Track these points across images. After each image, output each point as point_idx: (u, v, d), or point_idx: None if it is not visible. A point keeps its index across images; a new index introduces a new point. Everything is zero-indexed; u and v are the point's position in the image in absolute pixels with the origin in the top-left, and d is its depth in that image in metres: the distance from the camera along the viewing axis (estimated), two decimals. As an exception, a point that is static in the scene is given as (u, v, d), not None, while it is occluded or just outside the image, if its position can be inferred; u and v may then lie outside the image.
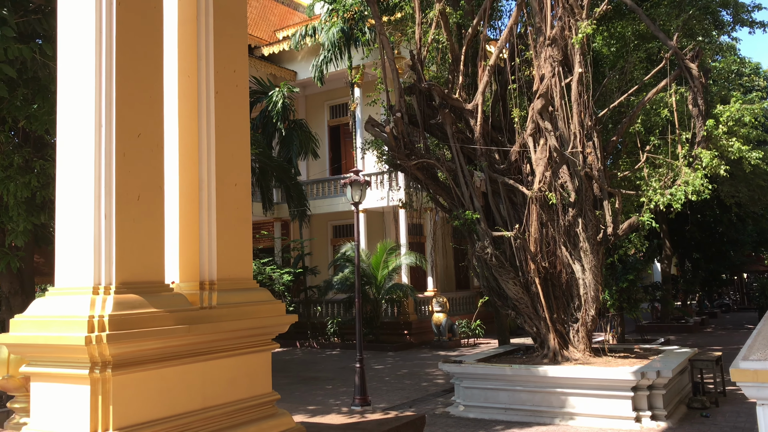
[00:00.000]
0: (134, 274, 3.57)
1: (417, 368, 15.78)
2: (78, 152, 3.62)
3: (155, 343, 3.52)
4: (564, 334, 10.64)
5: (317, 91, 26.06)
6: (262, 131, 21.12)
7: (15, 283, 11.52)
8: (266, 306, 4.34)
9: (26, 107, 9.05)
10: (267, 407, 4.25)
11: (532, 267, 10.40)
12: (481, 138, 11.01)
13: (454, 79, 11.90)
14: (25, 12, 8.33)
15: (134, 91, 3.67)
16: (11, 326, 3.62)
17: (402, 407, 10.99)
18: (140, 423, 3.42)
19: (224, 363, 4.00)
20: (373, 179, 22.18)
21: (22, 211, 9.67)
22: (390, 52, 11.33)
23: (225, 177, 4.24)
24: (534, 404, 9.75)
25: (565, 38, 10.54)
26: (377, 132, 11.51)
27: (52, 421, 3.45)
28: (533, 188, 10.43)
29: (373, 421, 5.23)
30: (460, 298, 24.32)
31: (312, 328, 21.85)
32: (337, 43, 21.13)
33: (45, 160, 9.87)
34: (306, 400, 11.94)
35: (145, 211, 3.66)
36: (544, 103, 10.47)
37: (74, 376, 3.35)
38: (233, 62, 4.40)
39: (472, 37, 11.64)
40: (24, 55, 7.74)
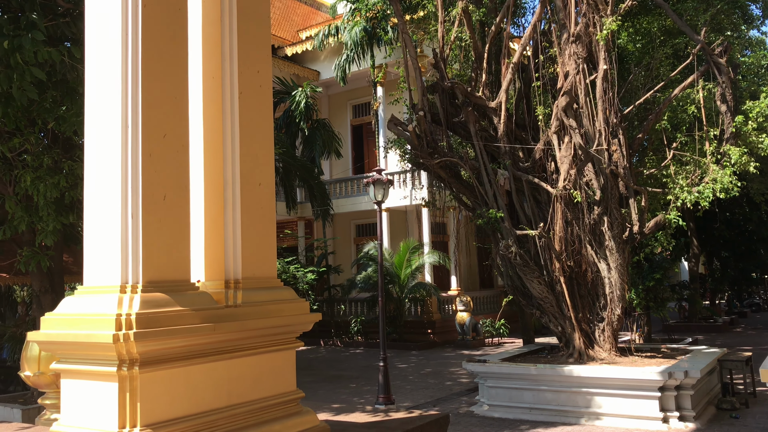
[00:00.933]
0: (160, 272, 3.62)
1: (441, 367, 15.75)
2: (105, 153, 3.68)
3: (181, 341, 3.56)
4: (589, 333, 10.54)
5: (340, 91, 26.12)
6: (285, 131, 21.24)
7: (45, 282, 11.73)
8: (290, 304, 4.37)
9: (55, 109, 9.21)
10: (292, 405, 4.28)
11: (557, 266, 10.32)
12: (505, 136, 10.95)
13: (477, 77, 11.84)
14: (54, 16, 8.47)
15: (160, 93, 3.71)
16: (42, 324, 3.69)
17: (426, 406, 10.98)
18: (167, 420, 3.46)
19: (249, 361, 4.03)
20: (395, 178, 22.17)
21: (51, 211, 9.84)
22: (413, 50, 11.32)
23: (249, 177, 4.27)
24: (559, 404, 9.67)
25: (590, 35, 10.43)
26: (400, 131, 11.50)
27: (81, 417, 3.51)
28: (558, 186, 10.35)
29: (397, 419, 5.23)
30: (484, 297, 24.21)
31: (336, 327, 21.92)
32: (359, 42, 21.16)
33: (73, 161, 10.03)
34: (330, 398, 11.98)
35: (171, 210, 3.70)
36: (568, 100, 10.38)
37: (102, 373, 3.40)
38: (257, 63, 4.43)
39: (495, 35, 11.58)
40: (53, 58, 7.87)
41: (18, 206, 10.06)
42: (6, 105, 7.99)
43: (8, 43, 7.35)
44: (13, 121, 8.91)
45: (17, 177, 9.88)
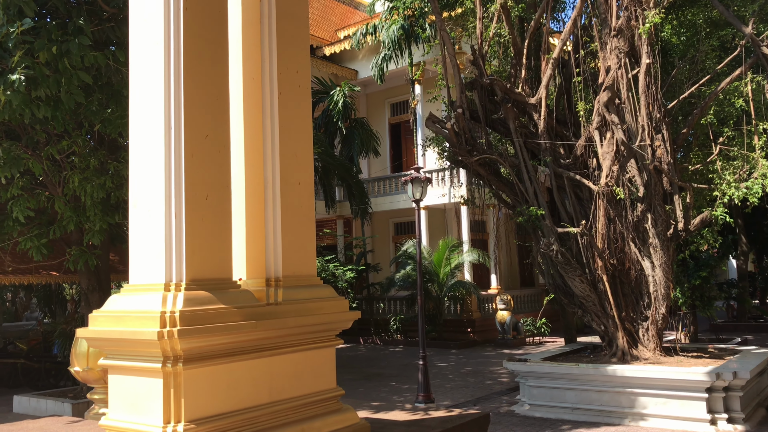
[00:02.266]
0: (203, 271, 3.68)
1: (481, 366, 15.66)
2: (149, 154, 3.75)
3: (223, 339, 3.61)
4: (633, 332, 10.34)
5: (378, 89, 26.17)
6: (324, 130, 21.38)
7: (92, 280, 12.06)
8: (330, 302, 4.39)
9: (101, 112, 9.45)
10: (332, 402, 4.31)
11: (600, 264, 10.15)
12: (545, 132, 10.81)
13: (517, 73, 11.72)
14: (100, 20, 8.69)
15: (201, 94, 3.77)
16: (89, 321, 3.79)
17: (466, 405, 10.93)
18: (210, 416, 3.52)
19: (290, 358, 4.07)
20: (434, 176, 22.11)
21: (98, 211, 10.10)
22: (451, 47, 11.26)
23: (289, 176, 4.31)
24: (602, 404, 9.52)
25: (632, 28, 10.22)
26: (438, 128, 11.46)
27: (128, 412, 3.59)
28: (600, 183, 10.17)
29: (437, 418, 5.22)
30: (525, 295, 23.97)
31: (375, 325, 21.97)
32: (397, 40, 21.16)
33: (119, 162, 10.28)
34: (370, 396, 12.02)
35: (213, 210, 3.76)
36: (610, 95, 10.19)
37: (148, 370, 3.48)
38: (296, 63, 4.47)
39: (534, 30, 11.44)
40: (99, 62, 8.08)
41: (67, 206, 10.36)
42: (55, 108, 8.23)
43: (56, 48, 7.57)
44: (62, 123, 9.17)
45: (66, 178, 10.18)
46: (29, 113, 7.97)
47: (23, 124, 9.64)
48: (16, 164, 9.49)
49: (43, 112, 8.03)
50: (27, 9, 7.31)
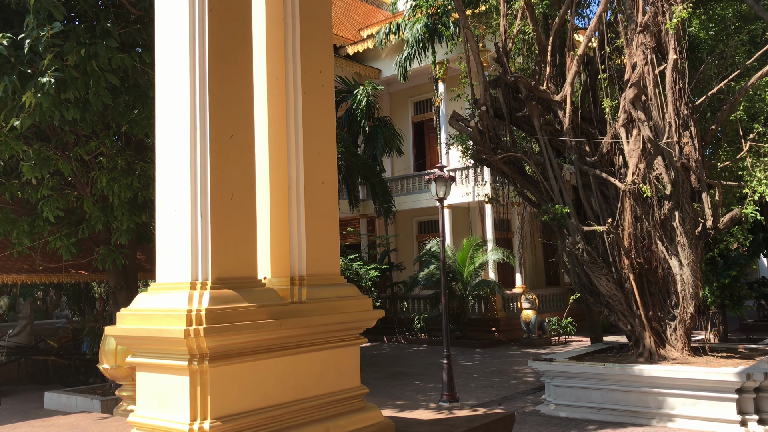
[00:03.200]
0: (229, 269, 3.71)
1: (506, 365, 15.58)
2: (175, 154, 3.80)
3: (249, 337, 3.64)
4: (661, 332, 10.21)
5: (401, 88, 26.16)
6: (347, 129, 21.44)
7: (120, 279, 12.24)
8: (354, 301, 4.40)
9: (128, 113, 9.59)
10: (356, 401, 4.32)
11: (626, 262, 10.03)
12: (571, 130, 10.71)
13: (541, 70, 11.63)
14: (126, 23, 8.81)
15: (226, 95, 3.80)
16: (117, 319, 3.85)
17: (491, 404, 10.88)
18: (236, 413, 3.55)
19: (314, 356, 4.09)
20: (457, 174, 22.03)
21: (125, 211, 10.26)
22: (474, 45, 11.21)
23: (312, 175, 4.33)
24: (629, 404, 9.42)
25: (659, 24, 10.08)
26: (462, 126, 11.42)
27: (155, 409, 3.64)
28: (626, 181, 10.05)
29: (461, 417, 5.21)
30: (550, 294, 23.78)
31: (399, 324, 21.98)
32: (420, 38, 21.12)
33: (145, 162, 10.42)
34: (394, 394, 12.03)
35: (238, 209, 3.79)
36: (636, 92, 10.07)
37: (174, 367, 3.52)
38: (319, 63, 4.49)
39: (559, 27, 11.34)
40: (126, 63, 8.20)
41: (95, 206, 10.54)
42: (83, 110, 8.37)
43: (85, 51, 7.70)
44: (90, 125, 9.32)
45: (94, 178, 10.34)
46: (59, 115, 8.11)
47: (53, 125, 9.82)
48: (46, 165, 9.67)
49: (72, 114, 8.17)
50: (56, 13, 7.44)
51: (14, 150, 9.25)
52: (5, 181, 11.15)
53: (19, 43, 7.70)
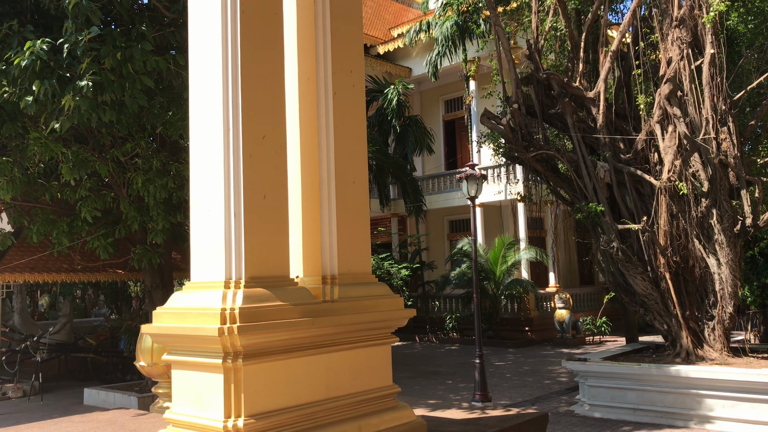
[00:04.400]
0: (262, 269, 3.74)
1: (539, 365, 15.44)
2: (208, 155, 3.85)
3: (282, 335, 3.67)
4: (698, 332, 10.00)
5: (432, 86, 26.09)
6: (378, 129, 21.45)
7: (156, 278, 12.46)
8: (385, 300, 4.41)
9: (162, 115, 9.74)
10: (388, 400, 4.32)
11: (662, 261, 9.86)
12: (604, 127, 10.56)
13: (574, 67, 11.49)
14: (161, 26, 8.96)
15: (258, 96, 3.84)
16: (153, 318, 3.92)
17: (524, 404, 10.80)
18: (269, 411, 3.58)
19: (346, 355, 4.10)
20: (489, 173, 21.89)
21: (160, 211, 10.43)
22: (506, 42, 11.13)
23: (344, 175, 4.35)
24: (666, 405, 9.25)
25: (695, 18, 9.87)
26: (493, 124, 11.34)
27: (190, 406, 3.70)
28: (662, 178, 9.88)
29: (494, 417, 5.17)
30: (584, 294, 23.48)
31: (430, 323, 21.94)
32: (451, 36, 21.04)
33: (180, 163, 10.58)
34: (426, 394, 12.01)
35: (270, 209, 3.83)
36: (672, 87, 9.88)
37: (209, 365, 3.56)
38: (350, 63, 4.50)
39: (592, 23, 11.19)
40: (160, 66, 8.33)
41: (131, 207, 10.73)
42: (119, 112, 8.53)
43: (121, 54, 7.85)
44: (126, 127, 9.49)
45: (130, 179, 10.54)
46: (96, 117, 8.28)
47: (90, 128, 10.03)
48: (84, 166, 9.88)
49: (109, 116, 8.33)
50: (94, 18, 7.60)
51: (54, 152, 9.48)
52: (45, 183, 11.43)
53: (58, 48, 7.88)
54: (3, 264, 12.57)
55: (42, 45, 7.56)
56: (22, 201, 11.87)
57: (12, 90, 8.17)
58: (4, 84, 8.14)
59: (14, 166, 10.58)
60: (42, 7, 8.88)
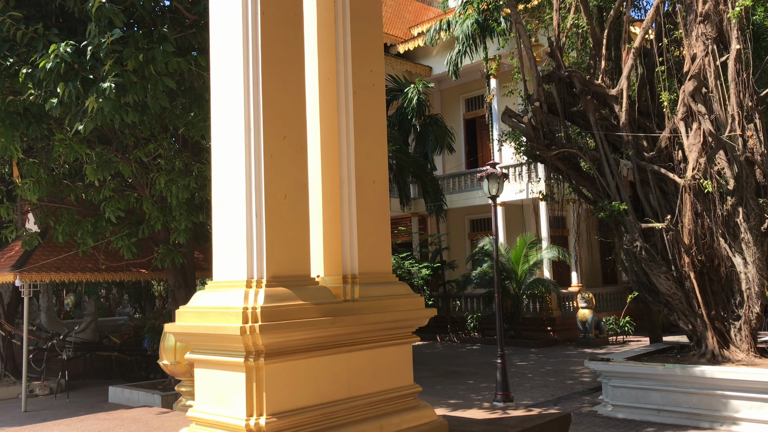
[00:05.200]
0: (283, 268, 3.76)
1: (561, 365, 15.32)
2: (230, 155, 3.87)
3: (303, 334, 3.68)
4: (724, 332, 9.85)
5: (452, 85, 26.01)
6: (398, 128, 21.44)
7: (179, 277, 12.57)
8: (406, 299, 4.40)
9: (184, 115, 9.82)
10: (409, 399, 4.32)
11: (686, 260, 9.72)
12: (627, 124, 10.45)
13: (596, 64, 11.38)
14: (182, 27, 9.03)
15: (279, 96, 3.85)
16: (176, 317, 3.95)
17: (546, 405, 10.72)
18: (291, 410, 3.60)
19: (367, 354, 4.11)
20: (510, 171, 21.77)
21: (183, 211, 10.52)
22: (527, 40, 11.06)
23: (364, 175, 4.35)
24: (691, 406, 9.13)
25: (720, 13, 9.72)
26: (515, 122, 11.28)
27: (213, 405, 3.72)
28: (686, 176, 9.74)
29: (516, 417, 5.15)
30: (607, 293, 23.26)
31: (451, 323, 21.88)
32: (471, 35, 20.95)
33: (202, 163, 10.67)
34: (447, 394, 11.99)
35: (291, 209, 3.84)
36: (696, 84, 9.74)
37: (231, 364, 3.59)
38: (370, 62, 4.50)
39: (614, 20, 11.07)
40: (182, 67, 8.40)
41: (154, 207, 10.84)
42: (142, 113, 8.61)
43: (143, 56, 7.93)
44: (148, 128, 9.59)
45: (153, 180, 10.64)
46: (119, 119, 8.37)
47: (113, 129, 10.15)
48: (107, 167, 10.01)
49: (132, 117, 8.42)
50: (116, 20, 7.68)
51: (78, 153, 9.60)
52: (70, 184, 11.59)
53: (81, 51, 7.98)
54: (30, 264, 12.78)
55: (66, 48, 7.66)
56: (48, 202, 12.05)
57: (37, 92, 8.29)
58: (29, 87, 8.26)
59: (40, 168, 10.75)
60: (66, 11, 9.01)
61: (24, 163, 10.74)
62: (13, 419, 11.39)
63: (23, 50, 8.34)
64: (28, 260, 12.83)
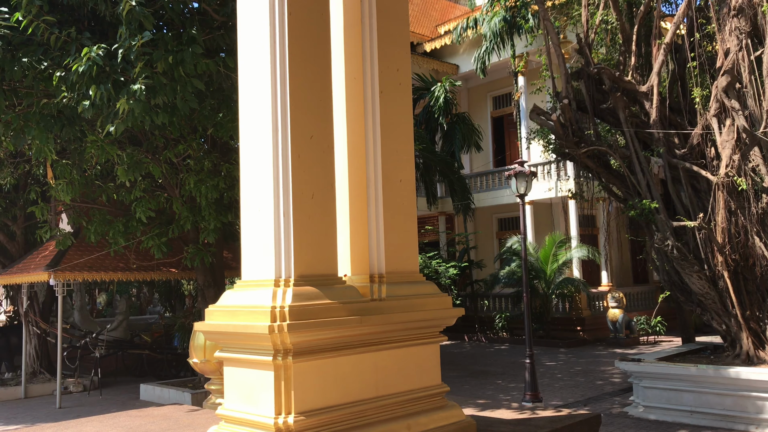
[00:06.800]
0: (310, 267, 3.77)
1: (591, 366, 15.15)
2: (258, 156, 3.90)
3: (330, 333, 3.69)
4: (759, 332, 9.64)
5: (479, 83, 25.87)
6: (425, 127, 21.39)
7: (208, 277, 12.70)
8: (433, 299, 4.39)
9: (213, 116, 9.93)
10: (437, 399, 4.30)
11: (720, 259, 9.53)
12: (658, 121, 10.28)
13: (626, 60, 11.22)
14: (210, 29, 9.12)
15: (306, 96, 3.87)
16: (206, 315, 3.99)
17: (576, 405, 10.61)
18: (319, 408, 3.61)
19: (394, 354, 4.10)
20: (539, 170, 21.57)
21: (212, 211, 10.63)
22: (555, 37, 10.95)
23: (390, 174, 4.35)
24: (725, 408, 8.95)
25: (754, 6, 9.51)
26: (543, 120, 11.17)
27: (242, 403, 3.75)
28: (719, 173, 9.55)
29: (545, 417, 5.10)
30: (638, 293, 22.93)
31: (479, 322, 21.77)
32: (499, 32, 20.81)
33: (230, 164, 10.77)
34: (475, 393, 11.93)
35: (319, 208, 3.86)
36: (729, 80, 9.54)
37: (259, 362, 3.61)
38: (396, 62, 4.49)
39: (644, 15, 10.90)
40: (210, 69, 8.49)
41: (183, 207, 10.98)
42: (171, 115, 8.72)
43: (172, 57, 8.02)
44: (178, 129, 9.71)
45: (182, 180, 10.78)
46: (149, 120, 8.48)
47: (144, 130, 10.30)
48: (138, 168, 10.16)
49: (161, 119, 8.52)
50: (146, 23, 7.79)
51: (110, 154, 9.77)
52: (102, 185, 11.80)
53: (113, 53, 8.11)
54: (64, 263, 13.03)
55: (98, 51, 7.79)
56: (81, 202, 12.28)
57: (70, 95, 8.44)
58: (63, 89, 8.42)
59: (73, 169, 10.95)
60: (98, 14, 9.16)
61: (58, 165, 10.96)
62: (48, 415, 11.63)
63: (57, 54, 8.50)
64: (61, 260, 13.09)
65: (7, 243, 16.61)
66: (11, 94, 8.99)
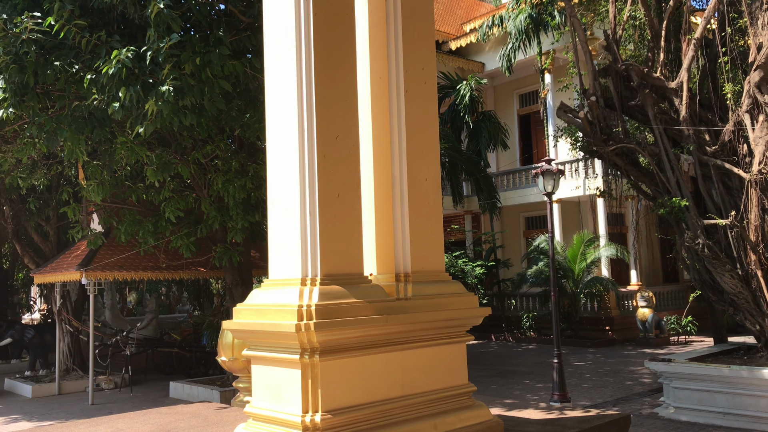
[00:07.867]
0: (336, 266, 3.79)
1: (620, 366, 14.96)
2: (284, 156, 3.93)
3: (356, 332, 3.70)
4: (794, 333, 9.44)
5: (505, 81, 25.70)
6: (450, 125, 21.32)
7: (236, 276, 12.83)
8: (459, 298, 4.38)
9: (240, 117, 10.02)
10: (464, 398, 4.29)
11: (753, 258, 9.35)
12: (688, 118, 10.11)
13: (654, 56, 11.05)
14: (237, 31, 9.20)
15: (331, 96, 3.89)
16: (234, 314, 4.03)
17: (604, 405, 10.49)
18: (345, 407, 3.62)
19: (421, 353, 4.10)
20: (566, 168, 21.36)
21: (239, 211, 10.73)
22: (582, 33, 10.84)
23: (416, 173, 4.34)
24: (759, 410, 8.77)
25: (788, -1, 9.31)
26: (570, 118, 11.07)
27: (269, 401, 3.79)
28: (752, 170, 9.36)
29: (573, 418, 5.05)
30: (668, 292, 22.59)
31: (506, 322, 21.65)
32: (524, 29, 20.65)
33: (257, 164, 10.86)
34: (502, 393, 11.86)
35: (344, 207, 3.87)
36: (762, 74, 9.35)
37: (287, 361, 3.64)
38: (421, 60, 4.49)
39: (673, 10, 10.73)
40: (237, 70, 8.56)
41: (212, 207, 11.10)
42: (199, 116, 8.82)
43: (200, 59, 8.11)
44: (206, 130, 9.82)
45: (210, 180, 10.89)
46: (177, 121, 8.59)
47: (172, 131, 10.43)
48: (167, 169, 10.30)
49: (189, 120, 8.62)
50: (174, 25, 7.89)
51: (139, 155, 9.91)
52: (132, 185, 11.98)
53: (141, 56, 8.23)
54: (95, 262, 13.27)
55: (127, 53, 7.91)
56: (111, 203, 12.48)
57: (101, 97, 8.59)
58: (93, 92, 8.56)
59: (104, 170, 11.14)
60: (127, 18, 9.29)
61: (89, 166, 11.15)
62: (81, 411, 11.87)
63: (87, 57, 8.65)
64: (93, 259, 13.32)
65: (41, 243, 16.98)
66: (44, 97, 9.18)
